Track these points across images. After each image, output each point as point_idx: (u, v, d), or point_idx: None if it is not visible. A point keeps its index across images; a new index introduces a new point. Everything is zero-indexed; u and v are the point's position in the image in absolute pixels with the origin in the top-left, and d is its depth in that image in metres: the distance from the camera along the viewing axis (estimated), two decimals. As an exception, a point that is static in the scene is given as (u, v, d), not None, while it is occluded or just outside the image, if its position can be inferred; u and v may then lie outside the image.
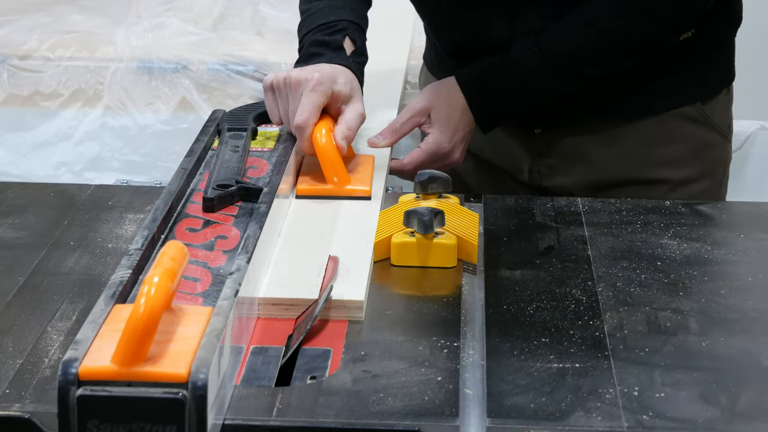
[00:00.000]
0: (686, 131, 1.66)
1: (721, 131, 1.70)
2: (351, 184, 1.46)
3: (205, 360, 0.96)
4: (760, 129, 2.63)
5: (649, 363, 1.12)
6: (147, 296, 0.96)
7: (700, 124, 1.67)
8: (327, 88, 1.48)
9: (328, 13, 1.60)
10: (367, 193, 1.45)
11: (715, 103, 1.69)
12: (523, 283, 1.28)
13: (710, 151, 1.69)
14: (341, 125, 1.49)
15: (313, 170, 1.49)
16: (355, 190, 1.45)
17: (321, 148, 1.46)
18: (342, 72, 1.52)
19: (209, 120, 1.53)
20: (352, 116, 1.50)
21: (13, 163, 2.52)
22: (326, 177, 1.46)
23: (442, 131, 1.60)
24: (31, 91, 2.51)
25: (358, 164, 1.52)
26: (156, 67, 2.49)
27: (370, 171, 1.50)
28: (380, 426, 1.02)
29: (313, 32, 1.59)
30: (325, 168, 1.46)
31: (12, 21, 2.61)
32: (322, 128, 1.46)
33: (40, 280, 1.28)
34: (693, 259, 1.34)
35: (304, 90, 1.47)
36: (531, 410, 1.04)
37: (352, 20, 1.60)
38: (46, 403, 1.04)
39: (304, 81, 1.47)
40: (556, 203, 1.49)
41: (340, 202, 1.43)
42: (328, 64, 1.52)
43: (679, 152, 1.67)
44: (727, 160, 1.74)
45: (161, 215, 1.23)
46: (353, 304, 1.19)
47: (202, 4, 2.72)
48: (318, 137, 1.46)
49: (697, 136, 1.67)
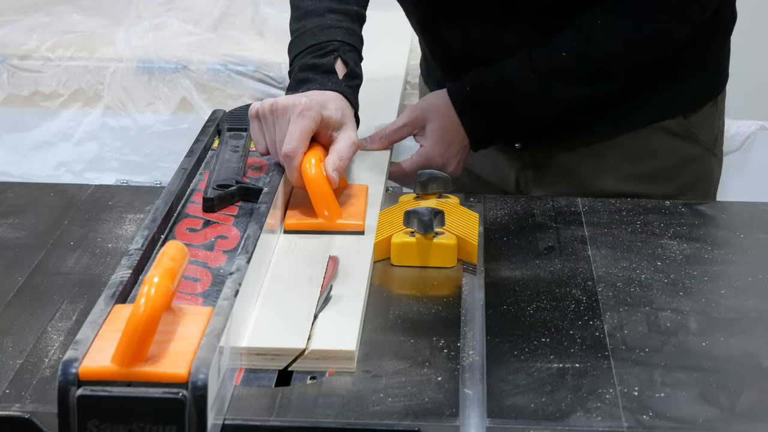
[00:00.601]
0: (667, 145, 1.64)
1: (705, 145, 1.67)
2: (343, 218, 1.36)
3: (205, 360, 0.96)
4: (760, 129, 2.63)
5: (649, 363, 1.12)
6: (147, 296, 0.96)
7: (682, 138, 1.64)
8: (316, 114, 1.38)
9: (318, 34, 1.52)
10: (360, 228, 1.35)
11: (700, 116, 1.66)
12: (523, 283, 1.28)
13: (693, 165, 1.66)
14: (332, 155, 1.39)
15: (302, 203, 1.38)
16: (347, 225, 1.35)
17: (310, 180, 1.35)
18: (332, 97, 1.43)
19: (209, 120, 1.53)
20: (344, 145, 1.40)
21: (13, 163, 2.52)
22: (316, 211, 1.35)
23: (435, 145, 1.57)
24: (31, 91, 2.51)
25: (350, 196, 1.42)
26: (156, 67, 2.49)
27: (363, 203, 1.40)
28: (380, 426, 1.02)
29: (302, 55, 1.52)
30: (314, 201, 1.35)
31: (12, 21, 2.62)
32: (311, 158, 1.36)
33: (40, 280, 1.28)
34: (693, 259, 1.34)
35: (292, 116, 1.37)
36: (531, 410, 1.04)
37: (343, 40, 1.52)
38: (46, 403, 1.04)
39: (291, 107, 1.37)
40: (556, 203, 1.49)
41: (332, 237, 1.34)
42: (318, 90, 1.44)
43: (659, 167, 1.64)
44: (712, 175, 1.70)
45: (161, 215, 1.23)
46: (342, 354, 1.10)
47: (202, 4, 2.72)
48: (307, 168, 1.35)
49: (679, 150, 1.64)
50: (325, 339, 1.12)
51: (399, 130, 1.59)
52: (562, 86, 1.55)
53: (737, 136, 2.61)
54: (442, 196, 1.43)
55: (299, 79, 1.48)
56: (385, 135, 1.58)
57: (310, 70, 1.48)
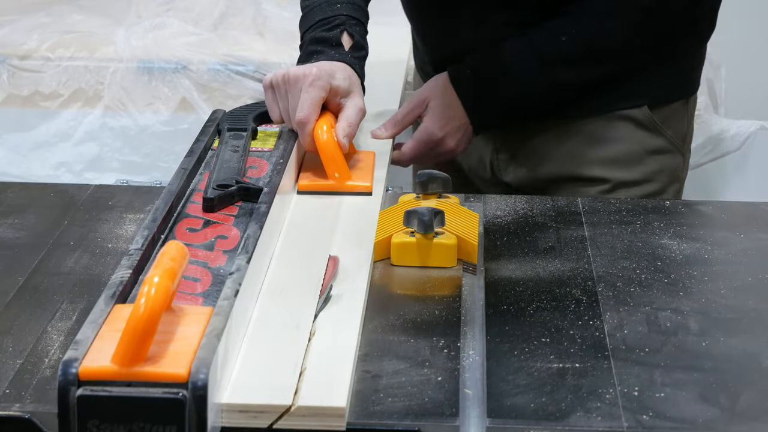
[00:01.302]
0: (631, 134, 1.67)
1: (672, 141, 1.69)
2: (352, 179, 1.47)
3: (205, 360, 0.96)
4: (760, 129, 2.63)
5: (649, 363, 1.12)
6: (147, 296, 0.96)
7: (647, 128, 1.67)
8: (325, 83, 1.48)
9: (326, 9, 1.62)
10: (368, 189, 1.46)
11: (667, 111, 1.69)
12: (523, 283, 1.28)
13: (657, 157, 1.69)
14: (342, 122, 1.50)
15: (314, 166, 1.50)
16: (356, 186, 1.46)
17: (322, 145, 1.47)
18: (340, 67, 1.53)
19: (209, 120, 1.53)
20: (352, 112, 1.51)
21: (13, 163, 2.52)
22: (327, 173, 1.47)
23: (434, 120, 1.63)
24: (31, 91, 2.51)
25: (359, 160, 1.53)
26: (156, 67, 2.49)
27: (371, 167, 1.51)
28: (380, 426, 1.02)
29: (311, 29, 1.61)
30: (326, 164, 1.47)
31: (12, 21, 2.61)
32: (323, 125, 1.48)
33: (40, 280, 1.28)
34: (693, 259, 1.34)
35: (303, 85, 1.48)
36: (531, 410, 1.04)
37: (349, 15, 1.61)
38: (46, 403, 1.04)
39: (302, 77, 1.48)
40: (556, 203, 1.49)
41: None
42: (326, 61, 1.53)
43: (620, 153, 1.67)
44: (678, 172, 1.73)
45: (161, 215, 1.23)
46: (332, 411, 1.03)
47: (202, 4, 2.72)
48: (319, 134, 1.47)
49: (643, 139, 1.67)
50: (313, 393, 1.03)
51: (408, 113, 1.64)
52: (564, 69, 1.60)
53: (737, 136, 2.61)
54: (442, 196, 1.43)
55: (309, 52, 1.58)
56: (397, 120, 1.64)
57: (318, 43, 1.58)
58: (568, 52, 1.59)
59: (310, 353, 1.10)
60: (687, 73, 1.72)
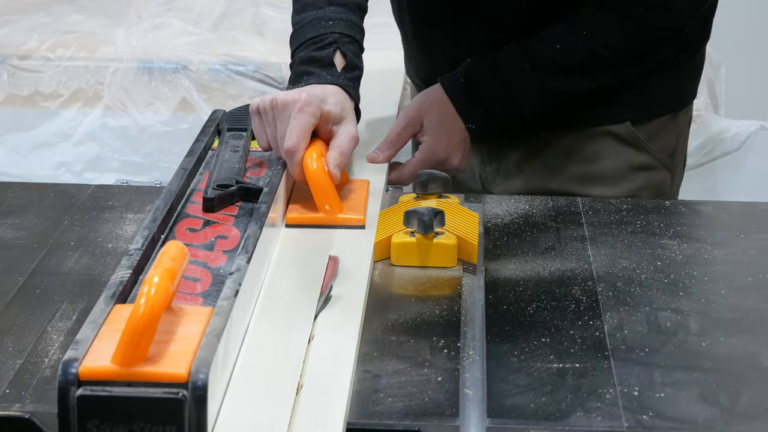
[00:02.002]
0: (613, 150, 1.65)
1: (658, 157, 1.67)
2: (344, 212, 1.38)
3: (205, 360, 0.96)
4: (760, 129, 2.63)
5: (649, 363, 1.12)
6: (147, 296, 0.96)
7: (629, 144, 1.65)
8: (315, 109, 1.40)
9: (317, 26, 1.54)
10: (361, 222, 1.37)
11: (653, 127, 1.66)
12: (523, 283, 1.28)
13: (641, 174, 1.66)
14: (333, 151, 1.41)
15: (303, 198, 1.40)
16: (348, 219, 1.37)
17: (312, 175, 1.37)
18: (332, 92, 1.44)
19: (209, 120, 1.53)
20: (345, 140, 1.42)
21: (13, 163, 2.52)
22: (318, 205, 1.37)
23: (436, 138, 1.58)
24: (31, 91, 2.51)
25: (351, 190, 1.43)
26: (156, 67, 2.49)
27: (364, 197, 1.42)
28: (380, 426, 1.02)
29: (302, 47, 1.53)
30: (316, 195, 1.37)
31: (12, 21, 2.62)
32: (312, 153, 1.38)
33: (40, 280, 1.28)
34: (693, 259, 1.34)
35: (292, 112, 1.39)
36: (531, 410, 1.04)
37: (342, 32, 1.53)
38: (46, 403, 1.04)
39: (291, 103, 1.39)
40: (556, 203, 1.49)
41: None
42: (317, 84, 1.45)
43: (603, 169, 1.65)
44: (665, 188, 1.69)
45: (161, 215, 1.23)
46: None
47: (202, 4, 2.72)
48: (309, 162, 1.37)
49: (626, 156, 1.65)
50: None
51: (402, 133, 1.59)
52: (559, 77, 1.57)
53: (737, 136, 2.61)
54: (442, 196, 1.43)
55: (299, 73, 1.50)
56: (391, 141, 1.57)
57: (309, 63, 1.50)
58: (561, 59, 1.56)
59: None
60: (676, 86, 1.67)
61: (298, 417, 1.01)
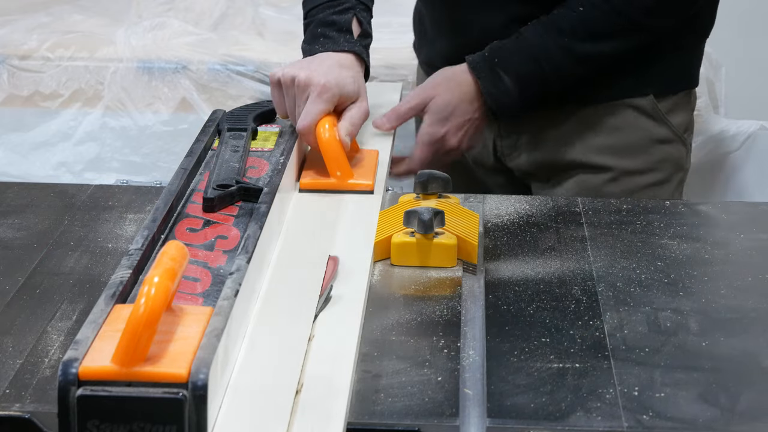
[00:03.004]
0: (636, 122, 1.68)
1: (676, 132, 1.70)
2: (354, 178, 1.47)
3: (205, 360, 0.96)
4: (760, 129, 2.63)
5: (649, 363, 1.12)
6: (147, 296, 0.96)
7: (652, 118, 1.68)
8: (334, 95, 1.48)
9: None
10: (369, 187, 1.46)
11: (672, 102, 1.69)
12: (523, 283, 1.28)
13: (661, 147, 1.70)
14: (345, 122, 1.49)
15: (316, 165, 1.50)
16: (357, 185, 1.46)
17: (324, 143, 1.47)
18: (349, 67, 1.52)
19: (209, 120, 1.53)
20: (356, 113, 1.51)
21: (13, 163, 2.52)
22: (329, 171, 1.47)
23: (433, 118, 1.61)
24: (31, 91, 2.51)
25: (361, 159, 1.52)
26: (156, 67, 2.49)
27: (373, 165, 1.51)
28: (380, 426, 1.02)
29: (319, 9, 1.59)
30: (328, 162, 1.47)
31: (12, 21, 2.62)
32: (325, 123, 1.48)
33: (40, 280, 1.28)
34: (693, 259, 1.34)
35: (311, 94, 1.48)
36: (531, 410, 1.04)
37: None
38: (46, 403, 1.04)
39: (312, 86, 1.47)
40: (556, 203, 1.49)
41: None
42: (335, 52, 1.53)
43: (625, 141, 1.68)
44: (681, 163, 1.73)
45: (161, 215, 1.23)
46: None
47: (202, 4, 2.72)
48: (322, 132, 1.47)
49: (648, 128, 1.68)
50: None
51: (411, 108, 1.62)
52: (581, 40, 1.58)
53: (737, 136, 2.61)
54: (442, 196, 1.43)
55: (316, 34, 1.57)
56: (399, 113, 1.62)
57: (327, 26, 1.57)
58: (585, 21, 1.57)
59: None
60: (689, 67, 1.72)
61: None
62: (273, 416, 1.00)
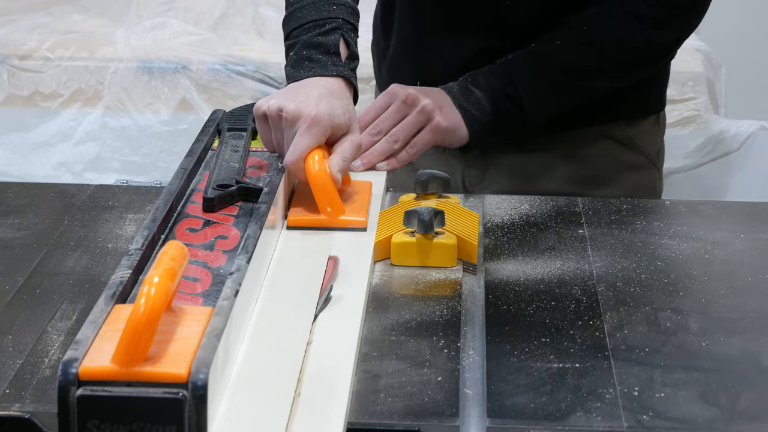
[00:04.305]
0: (608, 151, 1.66)
1: (648, 156, 1.69)
2: (345, 214, 1.36)
3: (205, 360, 0.96)
4: (760, 129, 2.64)
5: (649, 363, 1.12)
6: (147, 296, 0.96)
7: (624, 145, 1.67)
8: (325, 129, 1.37)
9: (320, 8, 1.48)
10: (362, 224, 1.36)
11: (642, 127, 1.68)
12: (523, 283, 1.28)
13: (634, 174, 1.68)
14: (336, 156, 1.39)
15: (305, 199, 1.39)
16: (349, 221, 1.36)
17: (314, 177, 1.35)
18: (339, 96, 1.41)
19: (209, 120, 1.53)
20: (348, 147, 1.40)
21: (13, 164, 2.52)
22: (319, 207, 1.36)
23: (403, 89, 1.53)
24: (31, 91, 2.51)
25: (353, 192, 1.42)
26: (156, 67, 2.49)
27: (366, 199, 1.41)
28: (380, 426, 1.02)
29: (303, 29, 1.48)
30: (318, 197, 1.36)
31: (12, 21, 2.62)
32: (315, 155, 1.37)
33: (40, 280, 1.28)
34: (693, 259, 1.34)
35: (300, 128, 1.37)
36: (531, 410, 1.04)
37: (346, 18, 1.49)
38: (46, 403, 1.04)
39: (301, 118, 1.37)
40: (556, 203, 1.49)
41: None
42: (323, 77, 1.42)
43: (600, 170, 1.66)
44: (654, 187, 1.71)
45: (161, 215, 1.23)
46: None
47: (202, 5, 2.72)
48: (311, 164, 1.36)
49: (621, 156, 1.66)
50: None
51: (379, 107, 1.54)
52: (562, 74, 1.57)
53: (737, 136, 2.61)
54: (442, 196, 1.43)
55: (302, 57, 1.46)
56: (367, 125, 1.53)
57: (313, 48, 1.46)
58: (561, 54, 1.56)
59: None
60: (657, 92, 1.70)
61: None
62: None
